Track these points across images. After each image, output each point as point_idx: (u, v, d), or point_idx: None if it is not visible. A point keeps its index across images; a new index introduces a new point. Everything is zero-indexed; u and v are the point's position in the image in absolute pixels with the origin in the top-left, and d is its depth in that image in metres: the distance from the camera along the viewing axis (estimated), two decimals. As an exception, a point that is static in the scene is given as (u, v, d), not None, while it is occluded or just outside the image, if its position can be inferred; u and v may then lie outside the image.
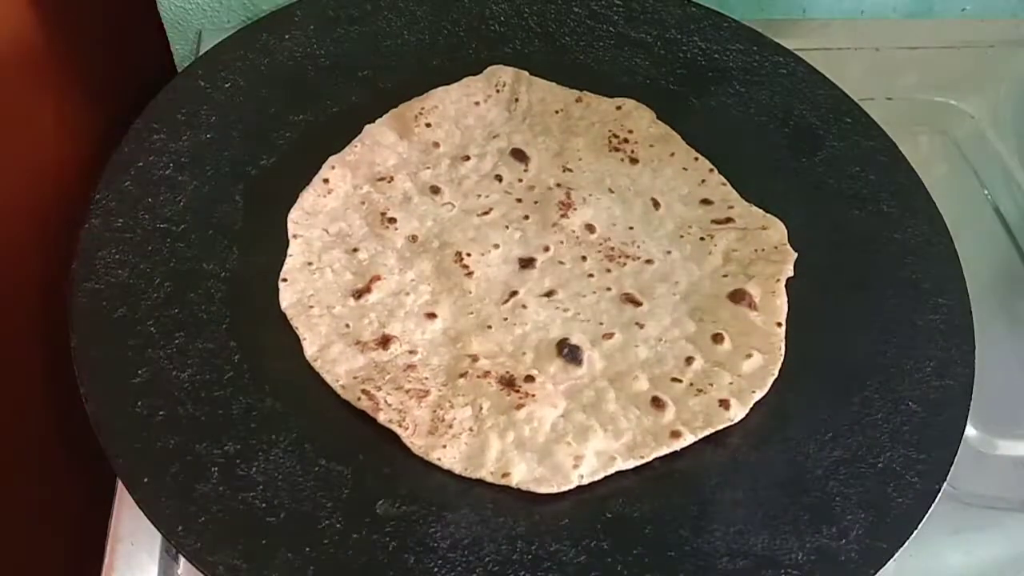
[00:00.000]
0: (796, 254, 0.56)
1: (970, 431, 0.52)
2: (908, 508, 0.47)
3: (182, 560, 0.48)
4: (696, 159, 0.60)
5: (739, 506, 0.47)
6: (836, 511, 0.47)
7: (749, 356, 0.52)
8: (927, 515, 0.47)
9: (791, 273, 0.55)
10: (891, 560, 0.46)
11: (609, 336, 0.53)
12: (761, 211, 0.58)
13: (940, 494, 0.48)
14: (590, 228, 0.57)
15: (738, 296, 0.54)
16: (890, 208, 0.59)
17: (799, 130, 0.62)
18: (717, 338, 0.53)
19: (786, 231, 0.57)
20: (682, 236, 0.57)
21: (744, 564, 0.45)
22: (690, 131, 0.61)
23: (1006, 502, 0.56)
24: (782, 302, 0.54)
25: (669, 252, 0.56)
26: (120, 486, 0.48)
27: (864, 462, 0.49)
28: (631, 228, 0.57)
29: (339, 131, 0.58)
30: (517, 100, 0.62)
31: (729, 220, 0.58)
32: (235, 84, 0.60)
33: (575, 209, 0.57)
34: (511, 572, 0.44)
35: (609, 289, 0.55)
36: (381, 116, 0.59)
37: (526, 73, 0.62)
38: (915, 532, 0.47)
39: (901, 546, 0.46)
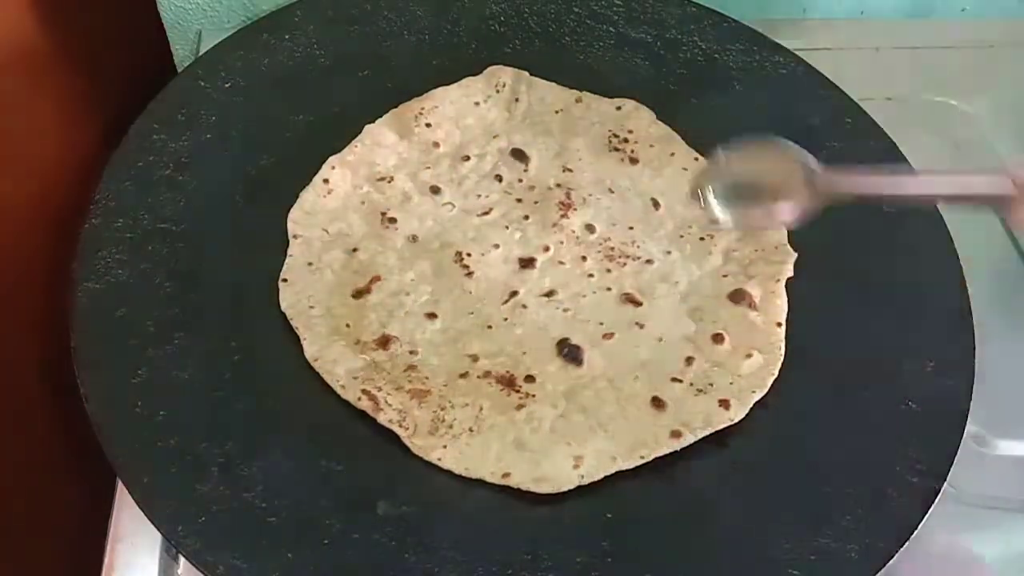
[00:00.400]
0: (796, 254, 0.56)
1: (970, 431, 0.52)
2: (908, 508, 0.47)
3: (182, 560, 0.48)
4: (696, 159, 0.60)
5: (739, 506, 0.47)
6: (836, 511, 0.47)
7: (749, 356, 0.52)
8: (927, 515, 0.47)
9: (791, 273, 0.55)
10: (891, 560, 0.46)
11: (609, 336, 0.53)
12: None
13: (940, 494, 0.48)
14: (590, 228, 0.57)
15: (738, 296, 0.54)
16: (890, 208, 0.59)
17: (799, 130, 0.62)
18: (717, 338, 0.53)
19: (786, 231, 0.57)
20: (682, 236, 0.57)
21: (744, 564, 0.45)
22: (690, 131, 0.61)
23: (1006, 502, 0.56)
24: (782, 302, 0.54)
25: (669, 252, 0.56)
26: (120, 486, 0.48)
27: (864, 462, 0.49)
28: (631, 228, 0.57)
29: (339, 131, 0.58)
30: (517, 100, 0.62)
31: None
32: (235, 84, 0.60)
33: (575, 209, 0.57)
34: (511, 572, 0.44)
35: (609, 289, 0.55)
36: (381, 116, 0.59)
37: (526, 73, 0.62)
38: (915, 532, 0.47)
39: (901, 546, 0.46)
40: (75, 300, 0.50)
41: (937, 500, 0.48)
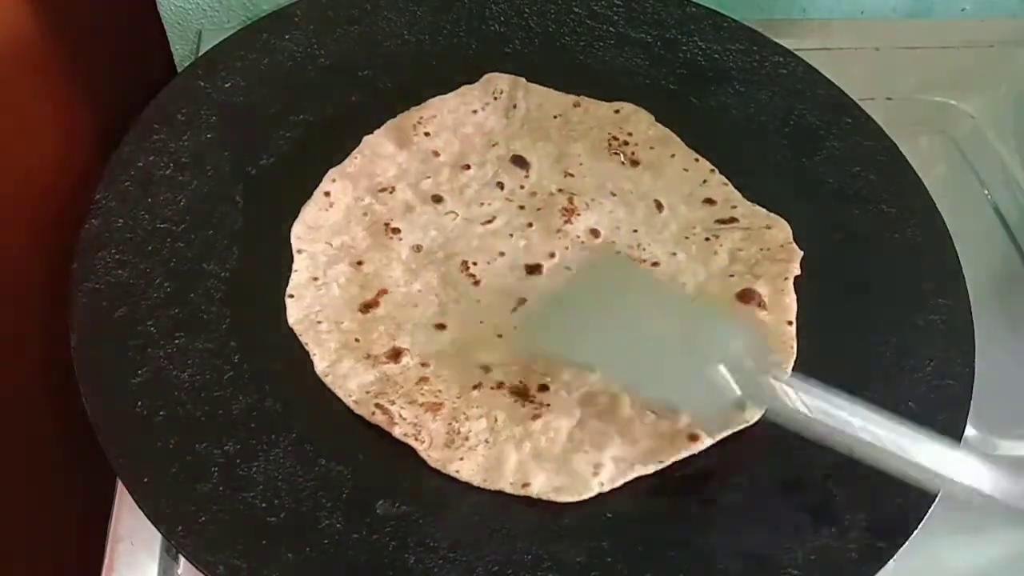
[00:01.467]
0: (802, 252, 0.56)
1: (970, 431, 0.52)
2: (908, 508, 0.47)
3: (182, 560, 0.48)
4: (696, 160, 0.60)
5: (739, 506, 0.47)
6: (836, 511, 0.47)
7: None
8: (927, 515, 0.47)
9: (798, 271, 0.55)
10: (891, 560, 0.46)
11: None
12: (764, 210, 0.58)
13: (940, 494, 0.48)
14: (594, 233, 0.57)
15: (747, 296, 0.54)
16: (890, 208, 0.59)
17: (799, 130, 0.62)
18: None
19: (790, 230, 0.57)
20: (687, 237, 0.57)
21: (744, 564, 0.45)
22: (690, 131, 0.61)
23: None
24: (791, 300, 0.54)
25: (674, 254, 0.56)
26: (120, 486, 0.48)
27: (864, 462, 0.49)
28: (635, 231, 0.57)
29: (339, 132, 0.58)
30: (515, 107, 0.62)
31: (733, 220, 0.57)
32: (235, 84, 0.60)
33: (578, 215, 0.57)
34: (511, 572, 0.44)
35: None
36: (381, 116, 0.59)
37: (523, 80, 0.62)
38: (915, 532, 0.47)
39: (901, 546, 0.46)
40: (75, 300, 0.50)
41: (937, 500, 0.48)
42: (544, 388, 0.50)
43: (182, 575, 0.48)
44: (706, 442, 0.49)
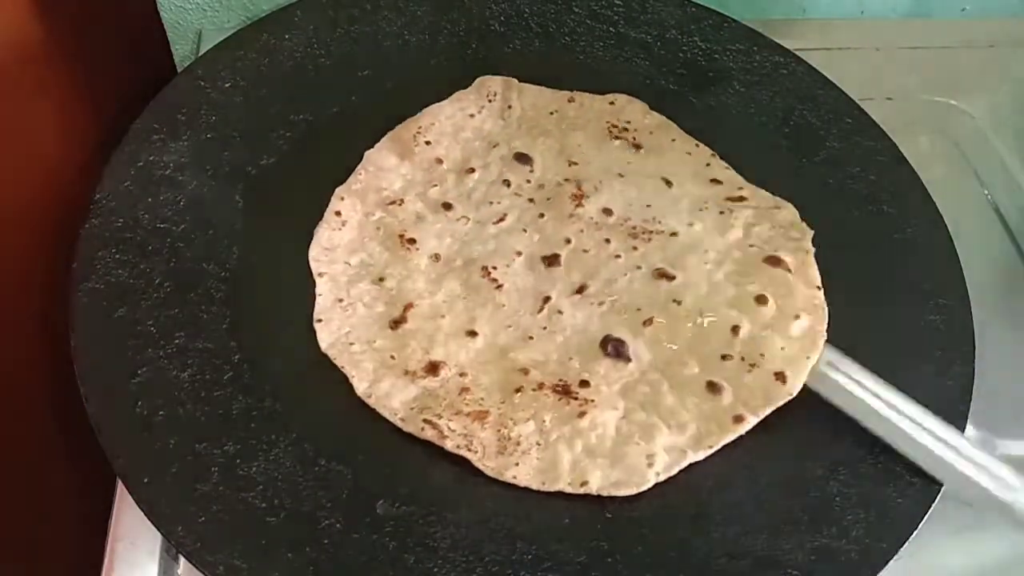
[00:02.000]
0: (812, 231, 0.56)
1: (970, 431, 0.52)
2: (908, 508, 0.47)
3: (182, 560, 0.48)
4: (697, 145, 0.60)
5: (739, 506, 0.47)
6: (836, 511, 0.47)
7: (797, 318, 0.52)
8: (927, 515, 0.47)
9: (813, 250, 0.55)
10: (891, 560, 0.46)
11: (649, 322, 0.52)
12: (769, 193, 0.58)
13: (940, 494, 0.48)
14: (607, 212, 0.57)
15: (775, 261, 0.54)
16: (890, 208, 0.59)
17: (799, 130, 0.62)
18: (760, 299, 0.52)
19: (797, 212, 0.57)
20: (701, 210, 0.57)
21: (744, 564, 0.45)
22: (690, 131, 0.61)
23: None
24: (814, 271, 0.54)
25: (691, 224, 0.56)
26: (120, 486, 0.48)
27: (864, 462, 0.49)
28: (648, 206, 0.57)
29: (339, 131, 0.58)
30: (510, 107, 0.61)
31: (742, 198, 0.58)
32: (235, 84, 0.60)
33: (588, 197, 0.57)
34: (511, 572, 0.44)
35: (639, 267, 0.54)
36: (381, 116, 0.59)
37: (515, 80, 0.62)
38: (915, 532, 0.47)
39: (901, 546, 0.46)
40: (75, 300, 0.50)
41: (937, 500, 0.48)
42: (585, 384, 0.50)
43: (182, 575, 0.48)
44: (751, 421, 0.49)
